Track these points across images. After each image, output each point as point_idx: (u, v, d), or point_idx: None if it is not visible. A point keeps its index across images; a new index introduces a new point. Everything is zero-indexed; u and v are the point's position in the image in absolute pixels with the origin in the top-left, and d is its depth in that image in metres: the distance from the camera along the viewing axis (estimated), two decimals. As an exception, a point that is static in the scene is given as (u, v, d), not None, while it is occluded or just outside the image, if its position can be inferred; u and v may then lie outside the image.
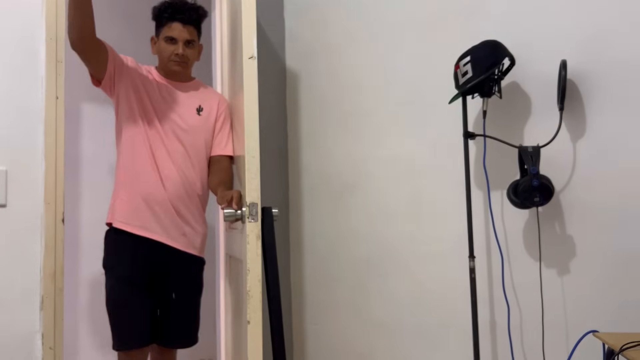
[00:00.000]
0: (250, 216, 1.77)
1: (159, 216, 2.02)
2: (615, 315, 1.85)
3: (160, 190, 2.02)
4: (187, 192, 2.08)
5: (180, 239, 2.07)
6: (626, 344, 1.40)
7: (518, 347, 2.06)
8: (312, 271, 2.77)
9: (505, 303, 2.06)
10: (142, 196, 2.01)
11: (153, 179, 2.02)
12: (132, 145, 2.03)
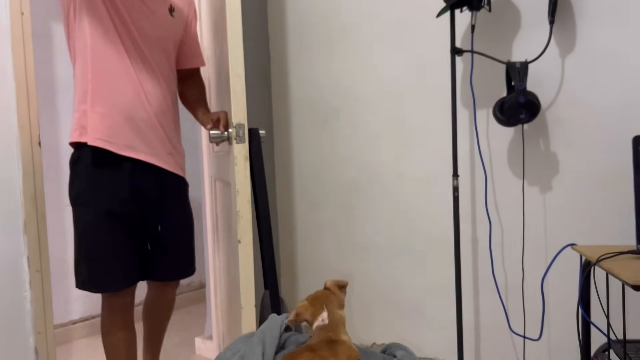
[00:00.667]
0: (238, 137, 1.73)
1: (145, 133, 1.76)
2: (593, 230, 1.90)
3: (144, 104, 1.75)
4: (168, 105, 1.85)
5: (168, 159, 1.85)
6: (602, 255, 1.44)
7: (498, 262, 2.11)
8: (298, 195, 2.78)
9: (487, 220, 2.10)
10: (124, 112, 1.71)
11: (134, 92, 1.74)
12: (103, 53, 1.70)
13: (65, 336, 2.91)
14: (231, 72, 1.68)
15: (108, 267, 1.75)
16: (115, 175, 1.74)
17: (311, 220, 2.74)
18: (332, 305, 1.32)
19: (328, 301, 1.33)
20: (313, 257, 2.75)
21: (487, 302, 2.17)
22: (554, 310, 1.98)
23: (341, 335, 1.29)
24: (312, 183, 2.72)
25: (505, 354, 2.13)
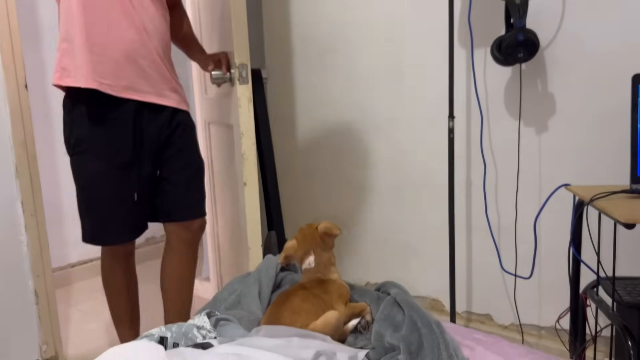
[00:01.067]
0: (241, 78, 1.69)
1: (146, 71, 1.61)
2: (587, 171, 1.90)
3: (143, 39, 1.59)
4: (167, 36, 1.69)
5: (173, 95, 1.70)
6: (596, 195, 1.44)
7: (492, 204, 2.13)
8: (293, 138, 2.76)
9: (482, 162, 2.09)
10: (122, 49, 1.56)
11: (132, 25, 1.57)
12: None
13: (64, 279, 2.95)
14: (232, 11, 1.62)
15: (114, 220, 1.69)
16: (116, 120, 1.61)
17: (307, 163, 2.73)
18: (320, 249, 1.34)
19: (315, 244, 1.34)
20: (309, 199, 2.77)
21: (479, 243, 2.20)
22: (546, 250, 2.01)
23: (330, 275, 1.31)
24: (307, 126, 2.70)
25: (496, 292, 2.18)
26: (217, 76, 1.72)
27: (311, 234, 1.35)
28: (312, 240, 1.34)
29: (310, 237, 1.34)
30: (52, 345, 2.05)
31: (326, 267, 1.32)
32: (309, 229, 1.36)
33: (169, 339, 0.91)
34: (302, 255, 1.34)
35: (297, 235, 1.37)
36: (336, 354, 0.82)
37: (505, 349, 1.07)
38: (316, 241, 1.33)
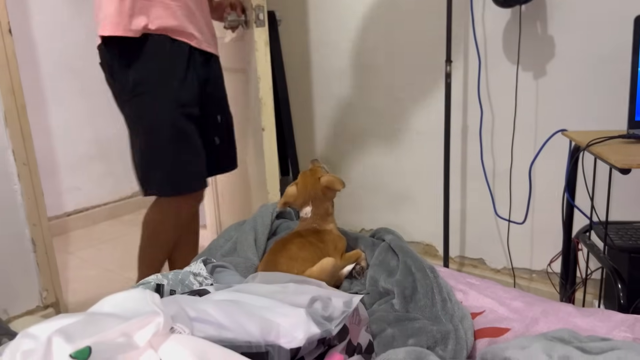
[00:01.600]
0: (258, 21, 1.63)
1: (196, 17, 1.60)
2: (584, 117, 1.88)
3: None
4: None
5: (215, 42, 1.69)
6: (592, 140, 1.43)
7: (487, 149, 2.12)
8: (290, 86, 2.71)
9: (479, 107, 2.07)
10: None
11: None
12: None
13: (61, 228, 2.97)
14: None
15: (192, 163, 1.64)
16: (180, 66, 1.57)
17: (301, 111, 2.70)
18: (319, 200, 1.32)
19: (315, 195, 1.32)
20: (306, 146, 2.75)
21: (474, 188, 2.21)
22: (540, 195, 2.02)
23: (325, 226, 1.31)
24: (299, 72, 2.64)
25: (489, 237, 2.21)
26: (232, 19, 1.65)
27: (312, 185, 1.33)
28: (313, 190, 1.32)
29: (312, 187, 1.32)
30: (52, 291, 2.09)
31: (322, 218, 1.31)
32: (312, 179, 1.34)
33: (166, 286, 0.92)
34: (300, 204, 1.33)
35: (299, 181, 1.35)
36: (331, 299, 0.83)
37: (498, 293, 1.09)
38: (316, 192, 1.32)
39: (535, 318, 0.99)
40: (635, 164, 1.27)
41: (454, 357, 0.85)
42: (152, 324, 0.54)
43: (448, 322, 0.94)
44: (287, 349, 0.71)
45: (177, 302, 0.65)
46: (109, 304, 0.60)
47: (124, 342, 0.51)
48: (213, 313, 0.67)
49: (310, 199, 1.31)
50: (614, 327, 0.95)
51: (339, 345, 0.80)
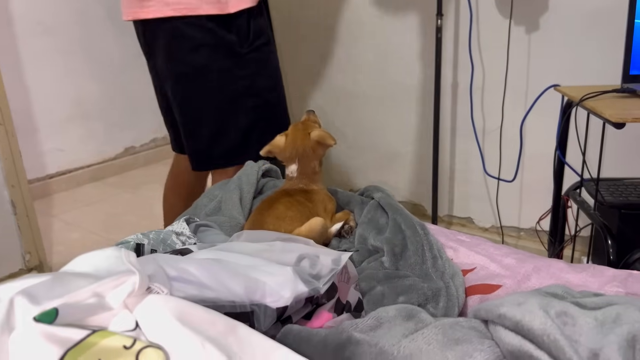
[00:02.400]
0: None
1: None
2: (577, 72, 1.84)
3: None
4: None
5: None
6: (586, 95, 1.40)
7: (478, 107, 2.08)
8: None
9: (470, 63, 2.02)
10: None
11: None
12: None
13: (44, 190, 2.90)
14: None
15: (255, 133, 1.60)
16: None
17: (287, 66, 2.62)
18: (306, 158, 1.26)
19: (303, 152, 1.25)
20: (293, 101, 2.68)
21: (463, 147, 2.18)
22: (530, 153, 2.00)
23: (312, 186, 1.25)
24: (287, 27, 2.55)
25: (478, 196, 2.20)
26: None
27: (302, 140, 1.26)
28: (302, 146, 1.25)
29: (301, 143, 1.26)
30: (35, 254, 2.05)
31: (309, 177, 1.25)
32: (302, 133, 1.27)
33: (146, 246, 0.88)
34: (286, 158, 1.27)
35: (289, 133, 1.28)
36: (319, 257, 0.80)
37: (489, 250, 1.06)
38: (305, 149, 1.25)
39: (527, 274, 0.97)
40: (630, 118, 1.24)
41: (445, 314, 0.83)
42: (127, 284, 0.51)
43: (439, 280, 0.92)
44: (273, 308, 0.68)
45: (156, 261, 0.61)
46: (80, 263, 0.56)
47: (95, 303, 0.48)
48: (194, 272, 0.64)
49: (297, 156, 1.25)
50: (606, 283, 0.94)
51: (327, 303, 0.77)
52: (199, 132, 1.58)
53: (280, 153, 1.28)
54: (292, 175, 1.26)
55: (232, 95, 1.54)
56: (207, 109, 1.55)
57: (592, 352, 0.52)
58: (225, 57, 1.51)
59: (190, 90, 1.54)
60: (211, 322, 0.55)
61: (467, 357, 0.56)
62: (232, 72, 1.52)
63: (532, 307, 0.58)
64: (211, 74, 1.51)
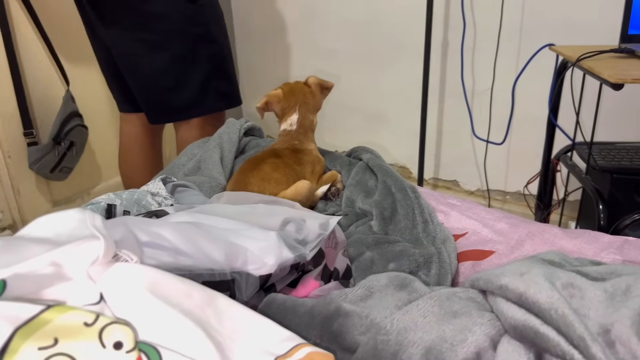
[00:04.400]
0: None
1: None
2: (572, 32, 1.78)
3: None
4: None
5: None
6: (583, 55, 1.34)
7: (468, 67, 2.01)
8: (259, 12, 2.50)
9: (462, 21, 1.93)
10: None
11: None
12: None
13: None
14: None
15: None
16: None
17: (270, 24, 2.51)
18: (306, 108, 1.20)
19: (303, 102, 1.20)
20: (274, 63, 2.58)
21: (452, 109, 2.12)
22: (521, 115, 1.95)
23: (307, 144, 1.20)
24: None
25: (465, 159, 2.15)
26: None
27: (300, 89, 1.20)
28: (301, 95, 1.19)
29: (300, 92, 1.20)
30: (8, 213, 1.97)
31: (306, 133, 1.20)
32: (298, 84, 1.20)
33: (118, 206, 0.82)
34: (285, 109, 1.20)
35: (283, 86, 1.21)
36: (306, 221, 0.74)
37: (480, 214, 1.02)
38: (305, 97, 1.19)
39: (520, 240, 0.93)
40: (629, 78, 1.19)
41: (437, 281, 0.79)
42: (90, 250, 0.44)
43: (430, 245, 0.87)
44: (256, 276, 0.63)
45: (125, 225, 0.55)
46: (39, 227, 0.50)
47: (52, 272, 0.42)
48: (169, 237, 0.57)
49: (297, 104, 1.18)
50: (601, 249, 0.90)
51: (314, 270, 0.72)
52: (158, 83, 1.51)
53: (279, 103, 1.20)
54: (290, 128, 1.19)
55: (191, 42, 1.47)
56: (163, 57, 1.47)
57: (602, 328, 0.48)
58: (182, 3, 1.43)
59: (149, 41, 1.45)
60: (187, 293, 0.49)
61: (467, 331, 0.52)
62: (190, 19, 1.45)
63: (536, 278, 0.53)
64: (170, 22, 1.43)
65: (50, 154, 1.88)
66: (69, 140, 1.90)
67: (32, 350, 0.37)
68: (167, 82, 1.49)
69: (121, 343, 0.41)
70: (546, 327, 0.48)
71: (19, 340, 0.37)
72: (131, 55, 1.48)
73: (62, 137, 1.88)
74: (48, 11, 1.94)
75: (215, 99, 1.55)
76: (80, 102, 2.00)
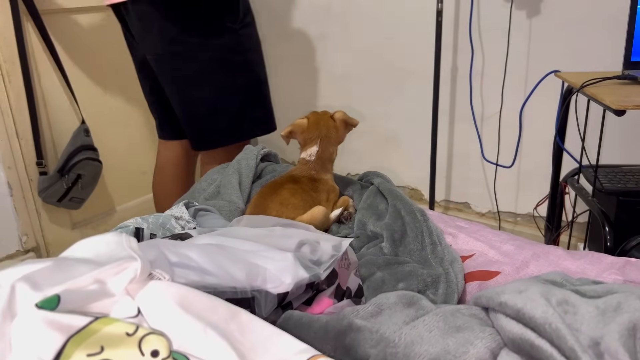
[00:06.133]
0: None
1: None
2: (578, 59, 1.83)
3: None
4: None
5: None
6: (587, 81, 1.39)
7: (477, 92, 2.07)
8: (265, 25, 2.59)
9: (470, 47, 2.00)
10: None
11: None
12: None
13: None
14: None
15: None
16: None
17: (282, 52, 2.60)
18: (328, 141, 1.24)
19: (325, 136, 1.24)
20: (287, 90, 2.66)
21: (462, 132, 2.17)
22: (529, 139, 1.99)
23: (323, 175, 1.24)
24: (281, 10, 2.52)
25: (475, 181, 2.20)
26: None
27: (325, 122, 1.24)
28: (325, 128, 1.24)
29: (324, 125, 1.24)
30: (32, 236, 2.04)
31: (324, 165, 1.24)
32: (324, 116, 1.25)
33: (145, 230, 0.88)
34: (306, 140, 1.24)
35: (310, 116, 1.26)
36: (320, 243, 0.79)
37: (487, 236, 1.07)
38: (329, 130, 1.24)
39: (525, 261, 0.97)
40: (631, 105, 1.23)
41: (444, 300, 0.83)
42: (129, 270, 0.50)
43: (438, 266, 0.92)
44: (274, 294, 0.68)
45: (157, 247, 0.61)
46: (81, 248, 0.56)
47: (97, 289, 0.47)
48: (195, 258, 0.63)
49: (320, 137, 1.23)
50: (604, 270, 0.94)
51: (327, 289, 0.77)
52: (199, 110, 1.58)
53: (303, 134, 1.25)
54: (309, 158, 1.24)
55: (229, 71, 1.54)
56: (206, 86, 1.55)
57: (593, 341, 0.53)
58: (220, 33, 1.50)
59: (188, 69, 1.53)
60: (213, 308, 0.54)
61: (468, 344, 0.56)
62: (230, 48, 1.52)
63: (533, 295, 0.58)
64: (208, 50, 1.50)
65: (57, 185, 1.93)
66: (76, 173, 1.94)
67: (82, 357, 0.43)
68: (206, 110, 1.56)
69: (158, 352, 0.46)
70: (541, 340, 0.53)
71: (72, 347, 0.43)
72: (174, 84, 1.56)
73: (67, 170, 1.93)
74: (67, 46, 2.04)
75: (252, 126, 1.61)
76: (98, 131, 2.08)
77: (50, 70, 1.98)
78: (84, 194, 2.03)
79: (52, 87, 1.99)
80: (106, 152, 2.14)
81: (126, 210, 2.35)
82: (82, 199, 2.04)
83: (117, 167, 2.28)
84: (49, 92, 1.99)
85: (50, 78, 1.98)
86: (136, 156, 2.36)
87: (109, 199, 2.30)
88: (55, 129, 2.02)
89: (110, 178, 2.26)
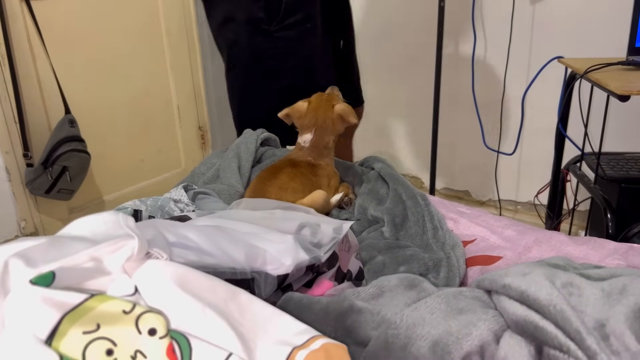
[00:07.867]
0: None
1: None
2: (581, 45, 1.81)
3: None
4: None
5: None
6: (590, 67, 1.38)
7: (479, 78, 2.05)
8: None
9: (473, 34, 1.98)
10: None
11: None
12: None
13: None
14: None
15: None
16: None
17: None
18: (323, 131, 1.22)
19: (322, 125, 1.21)
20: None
21: (463, 120, 2.16)
22: (531, 126, 1.98)
23: (321, 160, 1.22)
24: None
25: (476, 169, 2.18)
26: None
27: (324, 111, 1.21)
28: (323, 117, 1.21)
29: (322, 113, 1.21)
30: (30, 221, 2.03)
31: (319, 152, 1.21)
32: (326, 104, 1.22)
33: (144, 212, 0.87)
34: (304, 126, 1.22)
35: (312, 100, 1.24)
36: (320, 226, 0.78)
37: (489, 221, 1.06)
38: (325, 121, 1.21)
39: (527, 246, 0.96)
40: (635, 90, 1.22)
41: (446, 284, 0.82)
42: (126, 248, 0.49)
43: (439, 250, 0.91)
44: (274, 275, 0.67)
45: (155, 226, 0.59)
46: (77, 227, 0.55)
47: (93, 267, 0.46)
48: (194, 238, 0.62)
49: (315, 126, 1.21)
50: (606, 255, 0.93)
51: (328, 272, 0.76)
52: (231, 106, 1.59)
53: (299, 119, 1.23)
54: (303, 144, 1.22)
55: (259, 74, 1.48)
56: (235, 84, 1.53)
57: (598, 323, 0.52)
58: (252, 34, 1.44)
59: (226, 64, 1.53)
60: (212, 288, 0.53)
61: (471, 326, 0.55)
62: (261, 50, 1.45)
63: (537, 278, 0.57)
64: (240, 50, 1.46)
65: (43, 177, 1.89)
66: (61, 165, 1.90)
67: (78, 334, 0.42)
68: (236, 107, 1.57)
69: (155, 330, 0.45)
70: (545, 322, 0.52)
71: (67, 324, 0.42)
72: None
73: (51, 162, 1.88)
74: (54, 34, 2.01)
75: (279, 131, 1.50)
76: (94, 117, 2.05)
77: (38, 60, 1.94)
78: (73, 185, 1.99)
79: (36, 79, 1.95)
80: (103, 139, 2.12)
81: (123, 195, 2.34)
82: (72, 190, 2.00)
83: (114, 154, 2.26)
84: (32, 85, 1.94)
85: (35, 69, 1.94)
86: (134, 143, 2.34)
87: (106, 185, 2.29)
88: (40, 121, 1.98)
89: (107, 165, 2.24)
